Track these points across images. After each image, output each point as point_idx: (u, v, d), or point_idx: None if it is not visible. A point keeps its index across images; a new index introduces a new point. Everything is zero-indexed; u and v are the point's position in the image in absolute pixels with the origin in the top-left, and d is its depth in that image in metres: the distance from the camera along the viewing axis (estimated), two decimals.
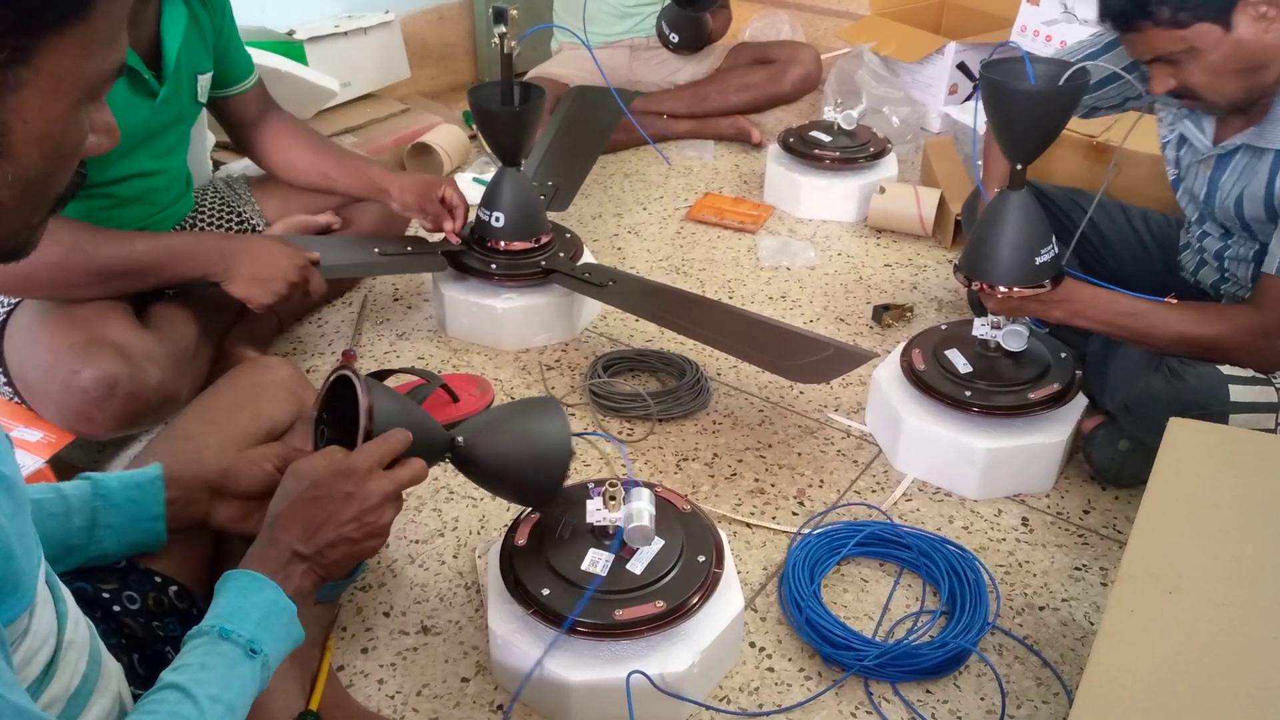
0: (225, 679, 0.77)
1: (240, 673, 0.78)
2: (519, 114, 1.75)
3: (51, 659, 0.71)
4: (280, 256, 1.57)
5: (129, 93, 1.48)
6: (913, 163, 2.62)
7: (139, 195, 1.57)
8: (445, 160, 2.48)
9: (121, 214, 1.54)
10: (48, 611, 0.72)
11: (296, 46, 2.42)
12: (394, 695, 1.20)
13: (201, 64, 1.62)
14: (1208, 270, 1.55)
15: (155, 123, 1.54)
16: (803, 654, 1.26)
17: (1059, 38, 2.33)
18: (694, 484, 1.54)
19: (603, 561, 1.14)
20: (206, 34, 1.62)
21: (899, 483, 1.54)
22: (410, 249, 1.83)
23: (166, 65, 1.52)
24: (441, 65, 3.06)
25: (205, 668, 0.77)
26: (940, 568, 1.34)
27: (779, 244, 2.21)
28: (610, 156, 2.65)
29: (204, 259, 1.52)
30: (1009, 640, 1.28)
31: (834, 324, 1.95)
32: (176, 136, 1.62)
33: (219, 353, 1.68)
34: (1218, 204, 1.44)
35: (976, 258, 1.43)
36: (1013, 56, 1.34)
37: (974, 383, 1.50)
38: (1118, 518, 1.48)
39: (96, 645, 0.79)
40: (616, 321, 1.95)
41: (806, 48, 2.76)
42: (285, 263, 1.57)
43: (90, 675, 0.76)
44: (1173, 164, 1.53)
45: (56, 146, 0.64)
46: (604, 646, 1.11)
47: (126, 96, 1.47)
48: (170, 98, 1.55)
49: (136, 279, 1.49)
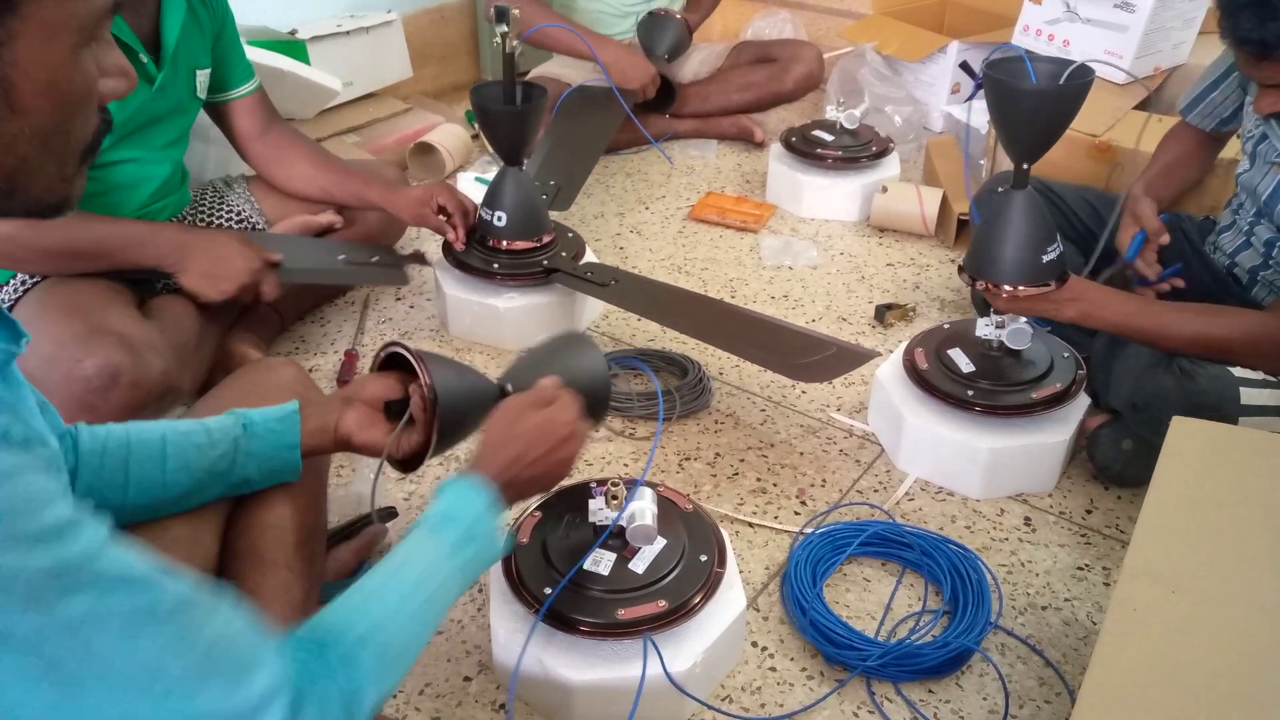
0: (422, 568, 0.87)
1: (441, 566, 0.88)
2: (521, 113, 1.75)
3: None
4: (236, 257, 1.56)
5: None
6: (915, 162, 2.61)
7: (132, 183, 1.58)
8: (447, 160, 2.48)
9: (113, 200, 1.55)
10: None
11: (299, 46, 2.42)
12: (396, 694, 1.20)
13: (200, 59, 1.63)
14: (1250, 254, 1.55)
15: (152, 110, 1.55)
16: (805, 654, 1.26)
17: (1061, 37, 2.33)
18: (696, 483, 1.54)
19: (605, 561, 1.14)
20: (205, 32, 1.63)
21: (901, 482, 1.54)
22: (377, 259, 1.82)
23: (165, 52, 1.54)
24: (443, 65, 3.06)
25: (406, 563, 0.87)
26: (943, 567, 1.34)
27: (781, 243, 2.21)
28: (612, 156, 2.65)
29: (158, 249, 1.52)
30: (1011, 640, 1.28)
31: (836, 323, 1.95)
32: (175, 131, 1.63)
33: (221, 348, 1.68)
34: (1278, 210, 1.46)
35: (981, 257, 1.43)
36: (1015, 55, 1.34)
37: (976, 382, 1.50)
38: (1120, 517, 1.48)
39: None
40: (619, 321, 1.95)
41: (809, 46, 2.75)
42: (240, 263, 1.56)
43: None
44: (1248, 156, 1.55)
45: (64, 94, 0.64)
46: (606, 646, 1.11)
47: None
48: (168, 85, 1.56)
49: (87, 261, 1.49)
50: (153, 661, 0.61)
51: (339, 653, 0.75)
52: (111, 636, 0.60)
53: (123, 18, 1.47)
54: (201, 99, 1.68)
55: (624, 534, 1.13)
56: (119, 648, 0.60)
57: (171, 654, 0.62)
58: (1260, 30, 1.29)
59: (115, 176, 1.55)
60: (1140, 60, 2.22)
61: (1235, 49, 1.37)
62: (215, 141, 1.91)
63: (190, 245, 1.54)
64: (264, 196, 1.84)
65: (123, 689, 0.60)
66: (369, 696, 0.75)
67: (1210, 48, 2.27)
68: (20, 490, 0.58)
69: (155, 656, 0.61)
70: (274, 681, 0.67)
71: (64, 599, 0.58)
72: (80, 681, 0.58)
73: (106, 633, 0.59)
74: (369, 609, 0.81)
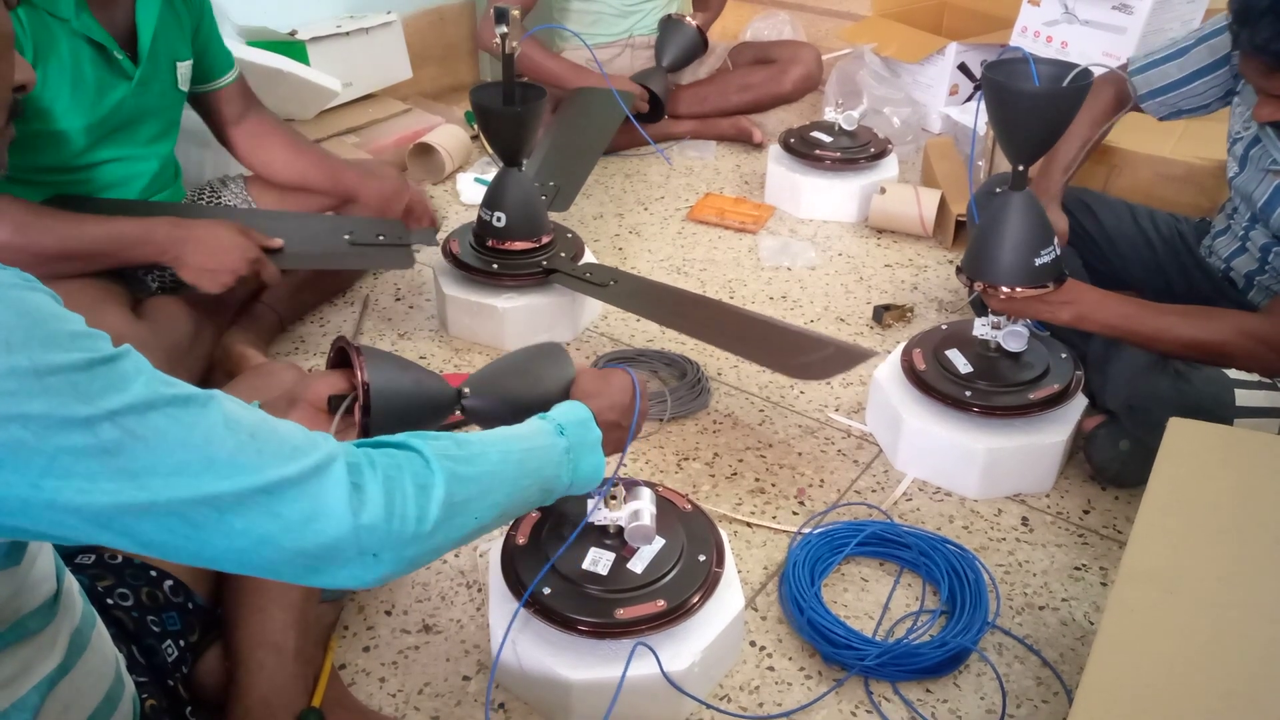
0: (521, 429, 0.92)
1: (545, 440, 0.92)
2: (520, 114, 1.75)
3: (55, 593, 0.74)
4: (232, 248, 1.55)
5: (105, 74, 1.49)
6: (913, 163, 2.62)
7: (119, 181, 1.58)
8: (447, 161, 2.49)
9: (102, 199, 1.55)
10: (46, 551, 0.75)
11: (298, 46, 2.42)
12: (395, 694, 1.21)
13: (180, 51, 1.63)
14: (1245, 259, 1.54)
15: (134, 107, 1.55)
16: (803, 653, 1.26)
17: (1059, 39, 2.33)
18: (694, 483, 1.54)
19: (604, 560, 1.14)
20: (184, 23, 1.63)
21: (899, 482, 1.55)
22: (382, 236, 1.79)
23: (142, 48, 1.53)
24: (443, 66, 3.06)
25: (514, 434, 0.90)
26: (940, 567, 1.34)
27: (780, 244, 2.22)
28: (611, 157, 2.66)
29: (155, 246, 1.52)
30: (1009, 640, 1.28)
31: (834, 324, 1.95)
32: (160, 126, 1.63)
33: (220, 349, 1.68)
34: (1274, 217, 1.45)
35: (978, 259, 1.43)
36: (1015, 58, 1.35)
37: (974, 383, 1.50)
38: (1118, 518, 1.49)
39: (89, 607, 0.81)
40: (618, 321, 1.96)
41: (807, 48, 2.76)
42: (236, 254, 1.55)
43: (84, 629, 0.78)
44: (1237, 161, 1.53)
45: None
46: (604, 645, 1.12)
47: (101, 78, 1.48)
48: (148, 80, 1.56)
49: (86, 263, 1.49)
50: (203, 441, 0.64)
51: (417, 447, 0.77)
52: (159, 419, 0.63)
53: (95, 17, 1.45)
54: (184, 91, 1.67)
55: (623, 534, 1.13)
56: (169, 430, 0.63)
57: (220, 432, 0.65)
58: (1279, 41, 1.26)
59: (102, 176, 1.55)
60: None
61: (1249, 57, 1.33)
62: (212, 146, 1.91)
63: (185, 240, 1.53)
64: (260, 195, 1.84)
65: (185, 472, 0.63)
66: (442, 494, 0.75)
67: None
68: (43, 302, 0.61)
69: (204, 436, 0.64)
70: (329, 452, 0.70)
71: (107, 394, 0.61)
72: (143, 471, 0.61)
73: (154, 416, 0.62)
74: (463, 435, 0.83)
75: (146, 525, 0.62)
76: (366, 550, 0.70)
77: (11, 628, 0.69)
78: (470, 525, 0.79)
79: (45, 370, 0.58)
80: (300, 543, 0.67)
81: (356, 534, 0.69)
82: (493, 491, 0.82)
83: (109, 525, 0.61)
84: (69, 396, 0.59)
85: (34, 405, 0.58)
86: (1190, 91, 1.58)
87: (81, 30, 1.44)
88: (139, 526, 0.62)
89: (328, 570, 0.69)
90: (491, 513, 0.82)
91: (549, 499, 0.93)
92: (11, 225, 1.41)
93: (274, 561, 0.67)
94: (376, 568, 0.71)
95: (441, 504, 0.74)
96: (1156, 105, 1.63)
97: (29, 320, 0.59)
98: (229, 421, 0.66)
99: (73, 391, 0.59)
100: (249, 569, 0.67)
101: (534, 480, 0.88)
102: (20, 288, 0.60)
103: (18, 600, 0.69)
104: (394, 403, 1.03)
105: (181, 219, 1.58)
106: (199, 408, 0.65)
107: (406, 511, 0.72)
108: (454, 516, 0.76)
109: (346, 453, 0.71)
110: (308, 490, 0.67)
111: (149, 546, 0.64)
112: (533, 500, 0.90)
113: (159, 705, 0.92)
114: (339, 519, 0.68)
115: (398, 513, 0.71)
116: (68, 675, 0.75)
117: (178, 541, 0.64)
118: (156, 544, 0.64)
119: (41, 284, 0.63)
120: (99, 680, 0.79)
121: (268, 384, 1.23)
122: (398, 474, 0.73)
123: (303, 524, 0.67)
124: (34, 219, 1.43)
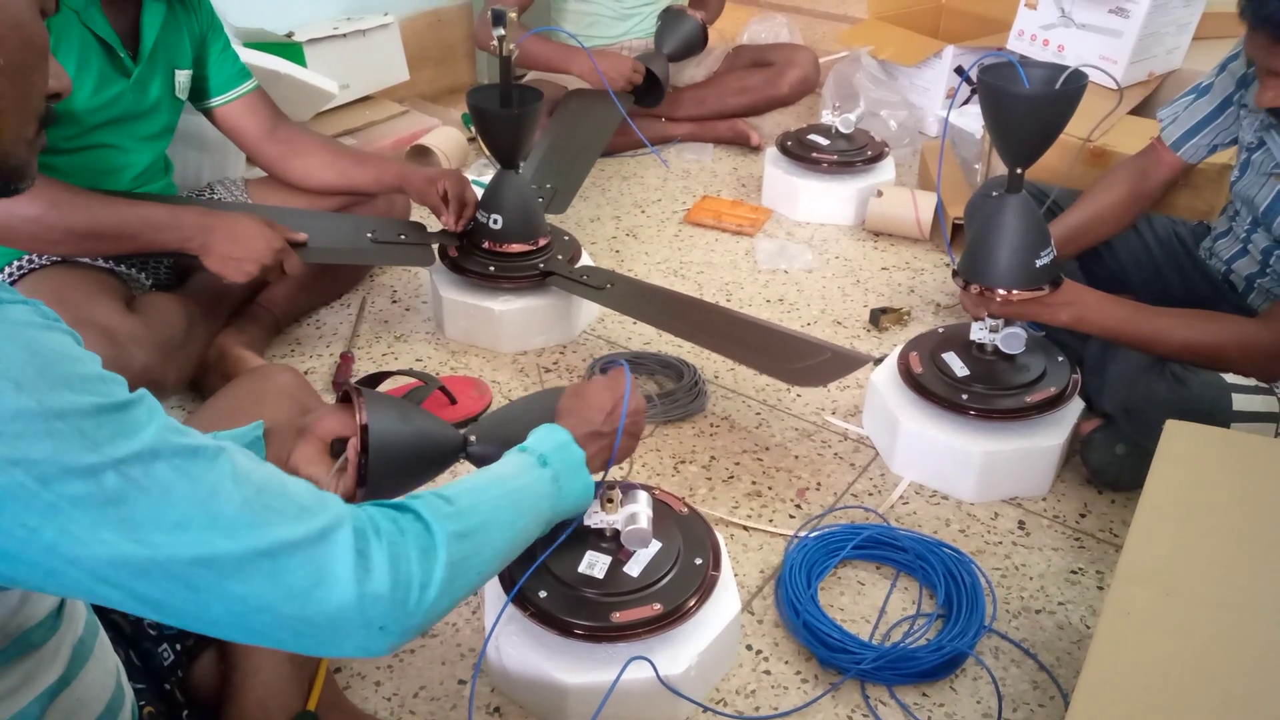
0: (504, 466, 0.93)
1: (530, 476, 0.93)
2: (517, 117, 1.75)
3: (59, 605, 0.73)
4: (258, 238, 1.58)
5: (106, 67, 1.53)
6: (910, 166, 2.62)
7: (112, 168, 1.60)
8: (443, 162, 2.49)
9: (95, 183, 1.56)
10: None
11: (295, 48, 2.42)
12: (390, 697, 1.20)
13: (179, 59, 1.65)
14: (1246, 261, 1.54)
15: (130, 104, 1.58)
16: (799, 657, 1.26)
17: (1056, 42, 2.33)
18: (691, 486, 1.54)
19: (600, 564, 1.14)
20: (186, 33, 1.65)
21: (896, 486, 1.55)
22: (404, 235, 1.82)
23: (143, 49, 1.57)
24: (440, 68, 3.06)
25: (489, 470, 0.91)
26: (937, 571, 1.34)
27: (777, 247, 2.22)
28: (608, 159, 2.66)
29: (182, 232, 1.54)
30: (1005, 643, 1.28)
31: (831, 327, 1.95)
32: (155, 127, 1.65)
33: (216, 350, 1.68)
34: (1277, 223, 1.45)
35: (975, 261, 1.43)
36: (1008, 61, 1.35)
37: (971, 386, 1.50)
38: (1114, 521, 1.49)
39: (92, 616, 0.81)
40: (614, 324, 1.95)
41: (804, 51, 2.76)
42: (261, 244, 1.57)
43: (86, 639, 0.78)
44: (1241, 165, 1.52)
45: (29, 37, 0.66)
46: (601, 649, 1.12)
47: (104, 70, 1.52)
48: (145, 80, 1.59)
49: (113, 243, 1.51)
50: (208, 496, 0.63)
51: (415, 509, 0.76)
52: (165, 470, 0.62)
53: (105, 15, 1.49)
54: (182, 100, 1.69)
55: (619, 537, 1.13)
56: (174, 483, 0.62)
57: (227, 487, 0.64)
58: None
59: (96, 161, 1.57)
60: (1135, 66, 2.23)
61: (1256, 30, 1.31)
62: (210, 149, 1.91)
63: (212, 228, 1.55)
64: (264, 199, 1.84)
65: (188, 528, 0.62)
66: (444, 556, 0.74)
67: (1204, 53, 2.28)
68: (59, 343, 0.61)
69: (210, 491, 0.63)
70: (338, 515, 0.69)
71: (114, 441, 0.60)
72: (144, 523, 0.60)
73: (159, 467, 0.62)
74: (447, 488, 0.83)
75: (145, 583, 0.61)
76: (372, 623, 0.69)
77: (14, 642, 0.68)
78: (474, 580, 0.80)
79: (53, 413, 0.57)
80: (302, 610, 0.66)
81: (361, 603, 0.67)
82: (491, 541, 0.82)
83: (107, 579, 0.60)
84: (74, 442, 0.58)
85: (38, 449, 0.57)
86: (1221, 125, 1.57)
87: (88, 24, 1.48)
88: (137, 583, 0.61)
89: (332, 640, 0.68)
90: (492, 562, 0.83)
91: (546, 530, 0.95)
92: (45, 201, 1.44)
93: (274, 629, 0.66)
94: (384, 639, 0.70)
95: (445, 566, 0.74)
96: (1192, 149, 1.60)
97: (41, 360, 0.58)
98: (237, 476, 0.65)
99: (79, 437, 0.58)
100: (251, 637, 0.66)
101: (527, 519, 0.89)
102: (38, 326, 0.60)
103: (22, 615, 0.68)
104: (395, 448, 1.00)
105: (209, 209, 1.61)
106: (208, 461, 0.64)
107: (411, 579, 0.71)
108: (457, 577, 0.76)
109: (353, 517, 0.70)
110: (312, 556, 0.66)
111: (148, 604, 0.62)
112: (530, 536, 0.92)
113: (156, 712, 0.91)
114: (343, 587, 0.67)
115: (402, 581, 0.70)
116: (69, 686, 0.74)
117: (176, 602, 0.63)
118: (155, 602, 0.62)
119: (63, 323, 0.63)
120: (100, 691, 0.79)
121: (264, 386, 1.22)
122: (401, 540, 0.72)
123: (305, 591, 0.65)
124: (68, 196, 1.46)
